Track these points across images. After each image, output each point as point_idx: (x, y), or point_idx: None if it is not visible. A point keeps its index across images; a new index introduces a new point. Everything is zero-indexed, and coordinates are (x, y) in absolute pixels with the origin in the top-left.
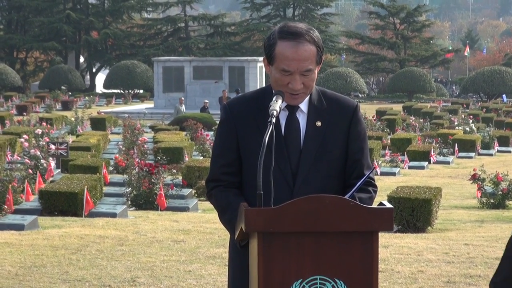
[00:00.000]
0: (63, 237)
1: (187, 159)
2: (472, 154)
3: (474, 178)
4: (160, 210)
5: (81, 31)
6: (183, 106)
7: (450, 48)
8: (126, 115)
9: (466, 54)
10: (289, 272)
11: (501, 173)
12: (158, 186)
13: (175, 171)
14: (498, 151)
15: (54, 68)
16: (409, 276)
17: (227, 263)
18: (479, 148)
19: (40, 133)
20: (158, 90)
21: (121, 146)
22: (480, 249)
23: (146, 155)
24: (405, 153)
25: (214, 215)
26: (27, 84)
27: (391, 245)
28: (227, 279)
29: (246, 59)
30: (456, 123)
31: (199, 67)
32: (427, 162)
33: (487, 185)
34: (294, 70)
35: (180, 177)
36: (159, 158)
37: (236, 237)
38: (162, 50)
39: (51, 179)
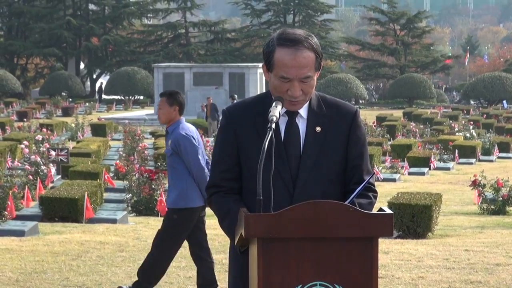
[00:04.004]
0: (63, 243)
1: None
2: (473, 160)
3: (475, 184)
4: (161, 216)
5: (82, 37)
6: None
7: (450, 54)
8: (127, 121)
9: (466, 62)
10: (289, 277)
11: (502, 179)
12: (158, 192)
13: None
14: (499, 157)
15: (54, 74)
16: (409, 282)
17: (227, 269)
18: (479, 154)
19: (40, 139)
20: (158, 97)
21: (121, 152)
22: (481, 255)
23: (146, 161)
24: (406, 159)
25: (214, 221)
26: (27, 90)
27: (392, 251)
28: (227, 285)
29: (247, 65)
30: (456, 129)
31: (200, 73)
32: (428, 168)
33: (488, 191)
34: (293, 77)
35: None
36: (159, 164)
37: (236, 243)
38: (163, 57)
39: (51, 185)
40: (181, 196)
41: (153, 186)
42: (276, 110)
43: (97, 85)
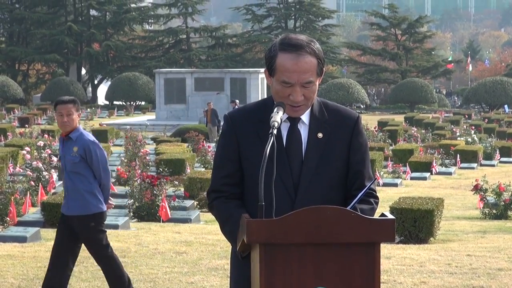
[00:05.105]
0: None
1: (189, 170)
2: (474, 165)
3: (476, 188)
4: (162, 221)
5: (83, 43)
6: None
7: (451, 59)
8: (128, 127)
9: (469, 68)
10: (291, 283)
11: (503, 184)
12: (160, 197)
13: (177, 182)
14: (500, 161)
15: (56, 80)
16: (411, 287)
17: (229, 275)
18: (481, 158)
19: (42, 145)
20: (159, 102)
21: (123, 158)
22: (483, 260)
23: (148, 167)
24: (407, 164)
25: (216, 227)
26: (29, 96)
27: (394, 256)
28: None
29: (248, 71)
30: (458, 133)
31: (201, 78)
32: (429, 173)
33: (489, 196)
34: (294, 82)
35: (182, 189)
36: (161, 169)
37: (237, 248)
38: (164, 62)
39: (53, 191)
40: (92, 202)
41: (155, 191)
42: (278, 116)
43: (105, 91)
